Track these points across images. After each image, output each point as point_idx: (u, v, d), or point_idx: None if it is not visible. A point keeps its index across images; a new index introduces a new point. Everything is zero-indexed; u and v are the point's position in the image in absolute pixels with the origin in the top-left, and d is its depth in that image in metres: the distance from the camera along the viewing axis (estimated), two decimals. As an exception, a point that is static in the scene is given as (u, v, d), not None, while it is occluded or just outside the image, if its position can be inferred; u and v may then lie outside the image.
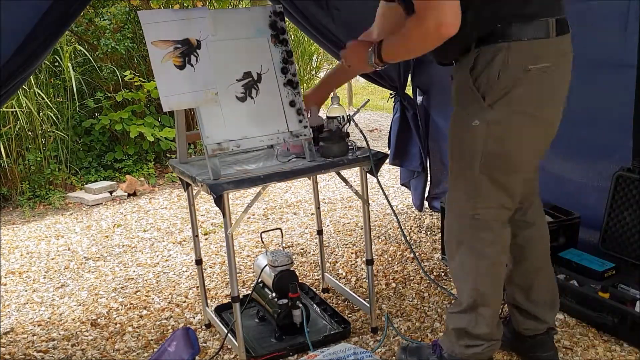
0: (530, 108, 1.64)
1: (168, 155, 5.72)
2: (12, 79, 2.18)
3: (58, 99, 5.17)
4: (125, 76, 5.39)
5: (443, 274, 3.06)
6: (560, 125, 2.92)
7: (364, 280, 3.00)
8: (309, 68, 8.35)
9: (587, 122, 2.79)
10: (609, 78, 2.64)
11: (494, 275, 1.86)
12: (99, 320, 2.79)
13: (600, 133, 2.76)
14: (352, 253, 3.39)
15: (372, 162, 2.16)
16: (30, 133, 4.92)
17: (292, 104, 2.14)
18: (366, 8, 3.30)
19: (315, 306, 2.63)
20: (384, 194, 2.27)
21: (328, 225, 3.89)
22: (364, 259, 2.89)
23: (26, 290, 3.20)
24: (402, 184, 4.10)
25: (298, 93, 2.16)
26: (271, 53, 2.14)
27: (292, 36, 7.39)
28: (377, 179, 2.20)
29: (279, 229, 2.87)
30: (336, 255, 3.38)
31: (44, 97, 4.92)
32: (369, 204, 2.33)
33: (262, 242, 2.75)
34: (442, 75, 3.59)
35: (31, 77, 4.62)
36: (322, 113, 2.34)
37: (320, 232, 2.87)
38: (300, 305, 2.35)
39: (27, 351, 2.54)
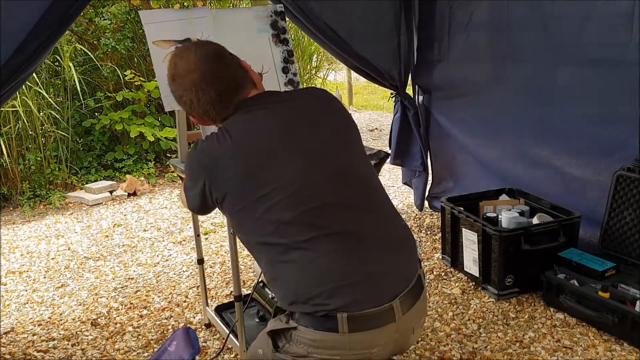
0: None
1: (168, 154, 5.71)
2: (12, 79, 2.18)
3: (58, 99, 5.17)
4: (126, 76, 5.39)
5: (443, 274, 3.05)
6: (563, 124, 2.96)
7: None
8: (309, 68, 8.32)
9: (591, 121, 2.79)
10: (614, 76, 2.64)
11: None
12: (99, 320, 2.79)
13: (603, 131, 2.75)
14: (352, 253, 3.38)
15: (375, 161, 2.16)
16: (30, 133, 4.92)
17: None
18: (360, 7, 3.33)
19: (315, 306, 2.62)
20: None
21: (328, 225, 3.88)
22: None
23: (26, 290, 3.20)
24: (404, 183, 4.11)
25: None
26: (272, 52, 2.15)
27: (292, 36, 7.38)
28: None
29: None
30: (336, 254, 3.37)
31: (45, 96, 4.91)
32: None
33: (263, 241, 2.74)
34: (443, 75, 3.65)
35: (31, 77, 4.61)
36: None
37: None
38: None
39: (27, 351, 2.55)
